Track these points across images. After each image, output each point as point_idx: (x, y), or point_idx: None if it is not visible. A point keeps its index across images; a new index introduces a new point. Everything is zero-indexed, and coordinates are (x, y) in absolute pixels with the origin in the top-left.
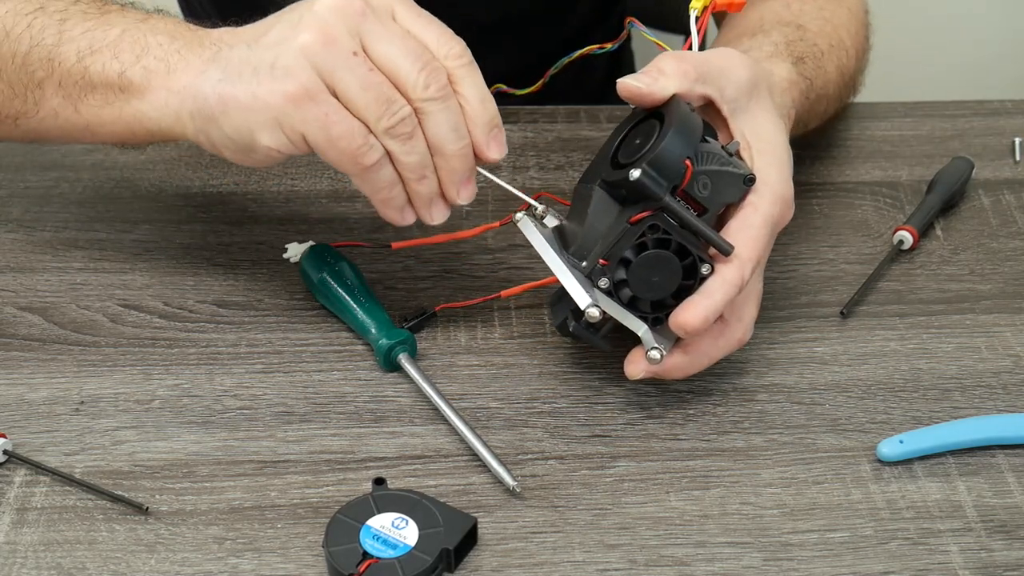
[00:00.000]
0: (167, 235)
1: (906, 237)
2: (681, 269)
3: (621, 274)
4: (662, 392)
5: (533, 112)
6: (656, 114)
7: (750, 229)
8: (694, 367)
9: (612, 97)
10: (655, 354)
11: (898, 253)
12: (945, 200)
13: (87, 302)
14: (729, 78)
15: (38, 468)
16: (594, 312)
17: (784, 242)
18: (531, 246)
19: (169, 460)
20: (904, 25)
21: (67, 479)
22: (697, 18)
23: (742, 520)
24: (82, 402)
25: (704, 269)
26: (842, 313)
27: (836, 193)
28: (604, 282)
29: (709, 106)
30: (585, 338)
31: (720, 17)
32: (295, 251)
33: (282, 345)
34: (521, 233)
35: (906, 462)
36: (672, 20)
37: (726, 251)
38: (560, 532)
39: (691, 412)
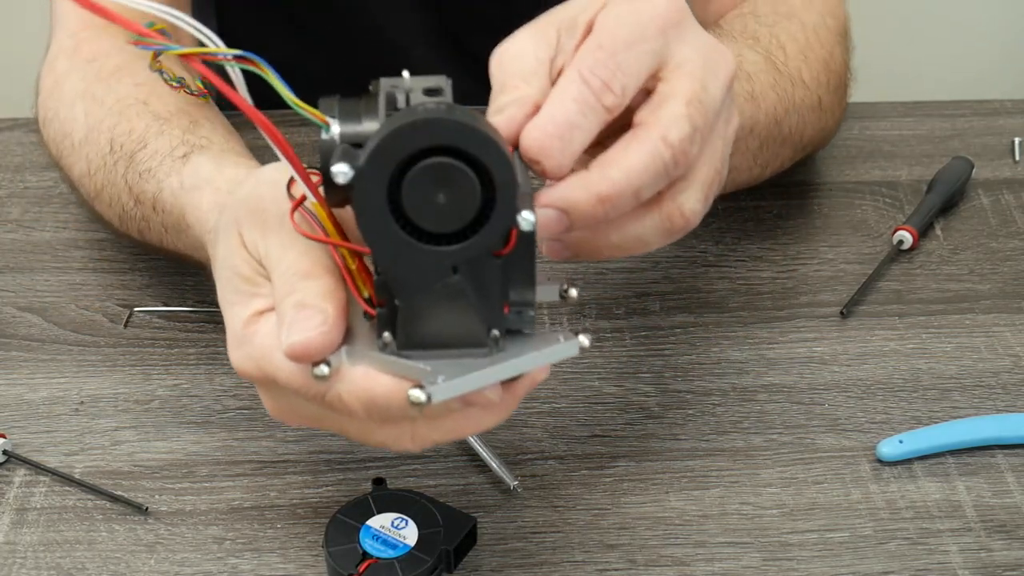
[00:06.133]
0: None
1: (906, 237)
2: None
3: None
4: (662, 392)
5: None
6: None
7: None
8: (612, 245)
9: None
10: (418, 395)
11: (898, 253)
12: (945, 200)
13: (87, 302)
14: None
15: (38, 468)
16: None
17: (784, 242)
18: None
19: (169, 460)
20: (904, 25)
21: (67, 479)
22: None
23: (742, 520)
24: (82, 402)
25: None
26: (842, 313)
27: (836, 193)
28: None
29: None
30: None
31: None
32: None
33: None
34: None
35: (906, 462)
36: None
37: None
38: (560, 532)
39: (690, 412)
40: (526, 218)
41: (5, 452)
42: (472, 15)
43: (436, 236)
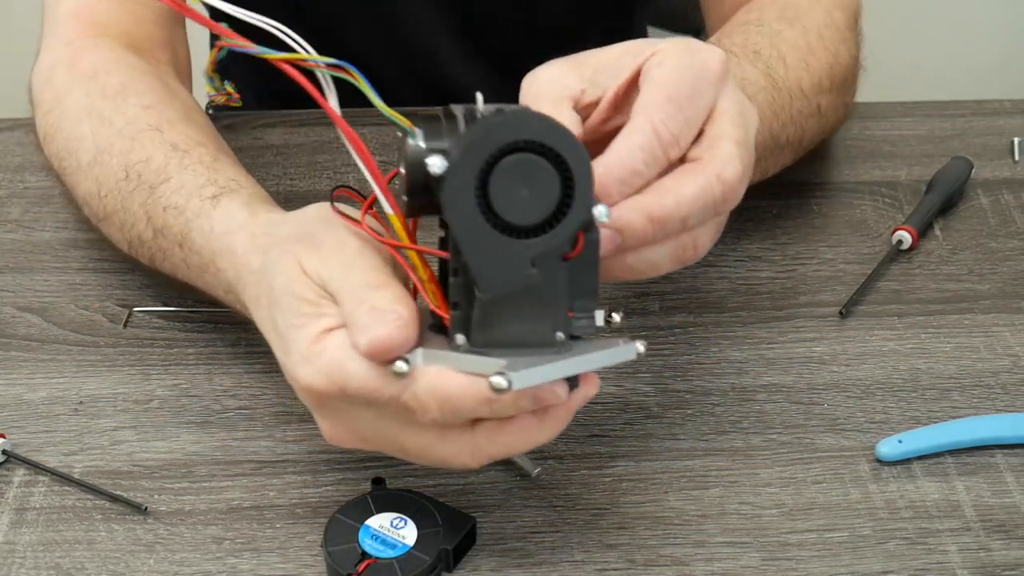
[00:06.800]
0: None
1: (905, 237)
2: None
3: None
4: (661, 392)
5: None
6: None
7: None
8: (626, 267)
9: None
10: (500, 380)
11: (897, 253)
12: (944, 200)
13: (87, 302)
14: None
15: (37, 468)
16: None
17: (784, 242)
18: None
19: (168, 460)
20: (904, 25)
21: (66, 479)
22: None
23: (741, 520)
24: (81, 402)
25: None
26: (841, 313)
27: (835, 193)
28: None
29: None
30: None
31: None
32: None
33: None
34: None
35: (905, 462)
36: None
37: None
38: (559, 532)
39: (690, 412)
40: (601, 211)
41: (4, 452)
42: (496, 15)
43: (518, 230)
